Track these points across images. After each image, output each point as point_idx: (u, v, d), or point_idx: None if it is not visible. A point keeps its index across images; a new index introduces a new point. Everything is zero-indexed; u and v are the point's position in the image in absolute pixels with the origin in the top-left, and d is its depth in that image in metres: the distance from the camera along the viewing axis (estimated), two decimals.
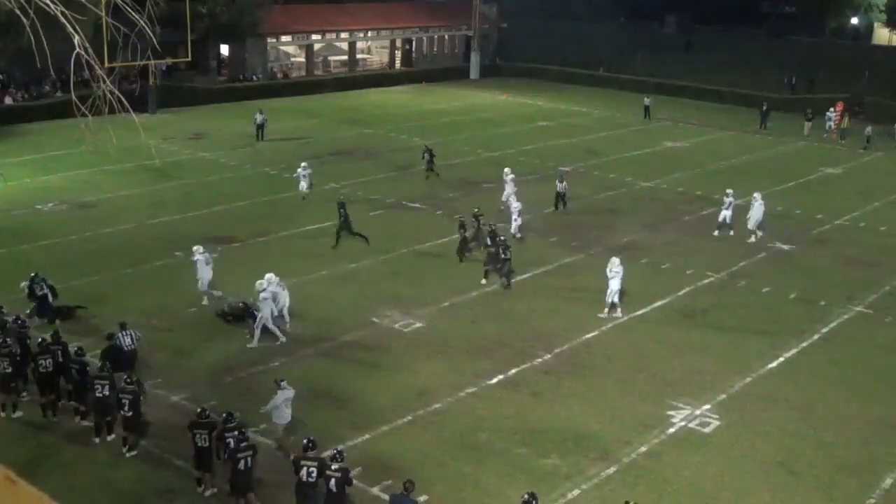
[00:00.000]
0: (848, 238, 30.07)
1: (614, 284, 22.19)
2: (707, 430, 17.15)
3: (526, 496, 12.52)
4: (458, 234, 25.77)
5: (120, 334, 17.69)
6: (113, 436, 15.89)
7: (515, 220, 27.66)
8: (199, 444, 14.32)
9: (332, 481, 13.04)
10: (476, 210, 27.25)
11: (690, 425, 17.27)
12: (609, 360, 19.94)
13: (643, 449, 16.34)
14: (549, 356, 20.03)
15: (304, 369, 18.99)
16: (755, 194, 29.25)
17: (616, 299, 22.42)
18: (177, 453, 15.36)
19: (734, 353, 20.59)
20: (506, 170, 31.63)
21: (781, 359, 20.41)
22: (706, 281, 25.28)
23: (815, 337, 21.75)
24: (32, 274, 20.75)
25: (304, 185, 31.53)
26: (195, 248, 21.97)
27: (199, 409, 14.90)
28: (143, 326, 20.71)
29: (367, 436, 16.35)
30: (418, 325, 21.48)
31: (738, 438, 16.85)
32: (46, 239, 26.07)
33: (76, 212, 29.55)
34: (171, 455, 15.45)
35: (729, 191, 29.79)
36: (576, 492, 14.93)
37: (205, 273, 21.79)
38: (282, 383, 15.60)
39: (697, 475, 15.59)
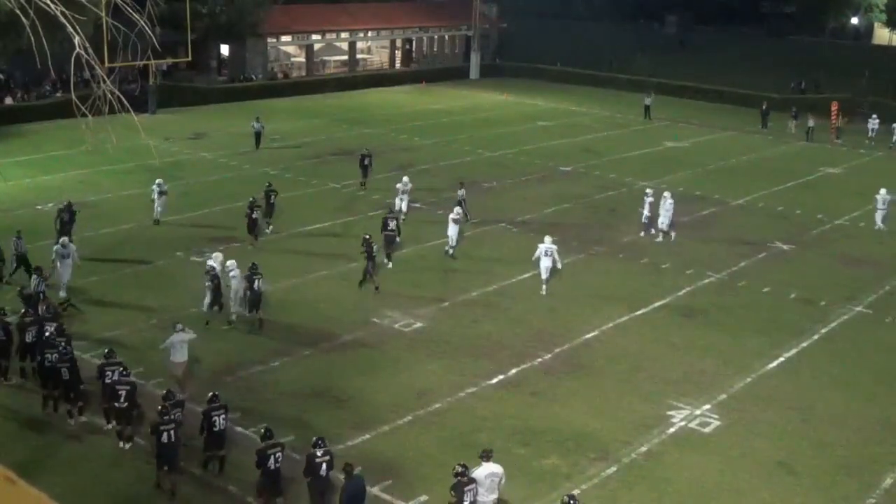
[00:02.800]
0: (848, 238, 30.08)
1: (547, 262, 23.50)
2: (707, 430, 17.15)
3: (458, 468, 12.74)
4: (247, 215, 26.14)
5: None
6: (112, 423, 16.08)
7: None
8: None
9: (324, 466, 13.38)
10: (269, 184, 28.49)
11: (690, 425, 17.27)
12: (609, 360, 19.95)
13: (643, 449, 16.34)
14: (549, 356, 20.03)
15: (304, 369, 19.00)
16: (665, 193, 28.89)
17: (545, 276, 23.56)
18: None
19: (734, 353, 20.59)
20: (404, 179, 29.73)
21: (781, 359, 20.41)
22: (706, 281, 25.29)
23: (815, 337, 21.75)
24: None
25: (158, 206, 27.97)
26: (230, 262, 21.13)
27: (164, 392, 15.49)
28: (143, 326, 20.76)
29: (367, 436, 16.35)
30: (418, 325, 21.48)
31: (738, 438, 16.85)
32: (46, 239, 25.97)
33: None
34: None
35: (648, 190, 29.77)
36: (576, 492, 14.86)
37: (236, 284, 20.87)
38: (177, 326, 17.51)
39: (697, 475, 15.59)
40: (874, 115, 47.97)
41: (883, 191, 31.18)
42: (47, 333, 17.21)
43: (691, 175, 38.19)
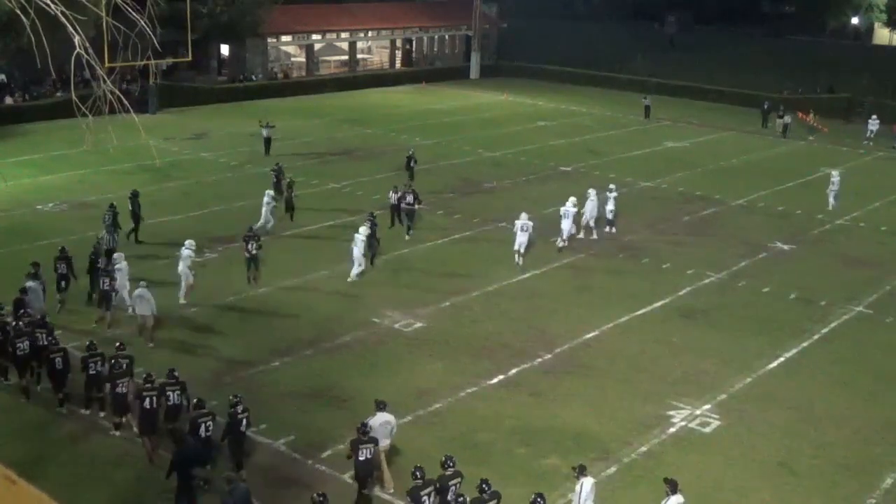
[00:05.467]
0: (848, 238, 30.08)
1: (522, 238, 25.14)
2: (707, 430, 17.15)
3: (360, 426, 14.02)
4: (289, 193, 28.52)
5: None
6: (104, 413, 16.45)
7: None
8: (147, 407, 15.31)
9: (244, 422, 14.62)
10: (276, 164, 30.96)
11: (690, 425, 17.28)
12: (609, 360, 19.95)
13: (643, 449, 16.34)
14: (549, 356, 20.03)
15: (304, 369, 19.00)
16: (590, 190, 28.89)
17: (522, 250, 25.27)
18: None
19: (734, 353, 20.59)
20: (572, 199, 27.75)
21: (781, 359, 20.41)
22: (706, 281, 25.29)
23: (815, 337, 21.75)
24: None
25: (269, 217, 27.40)
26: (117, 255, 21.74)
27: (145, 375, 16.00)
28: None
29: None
30: (418, 325, 21.48)
31: (738, 438, 16.86)
32: (46, 239, 26.04)
33: (76, 212, 29.53)
34: (171, 454, 15.45)
35: (612, 185, 29.93)
36: None
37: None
38: (141, 283, 19.69)
39: (697, 475, 15.58)
40: (874, 116, 47.91)
41: (835, 172, 33.56)
42: (14, 323, 17.60)
43: (691, 175, 38.20)
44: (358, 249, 23.77)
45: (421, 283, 24.14)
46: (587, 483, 13.11)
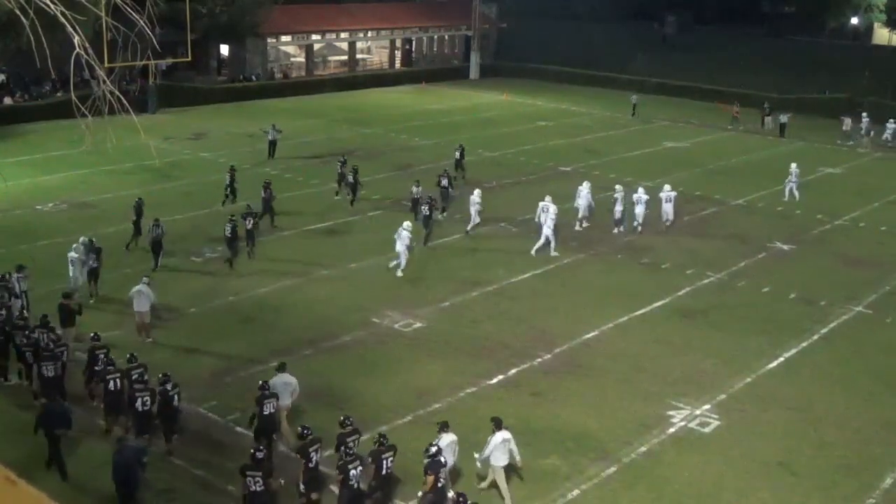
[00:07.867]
0: (848, 238, 30.08)
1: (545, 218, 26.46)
2: (707, 430, 17.15)
3: (261, 382, 15.45)
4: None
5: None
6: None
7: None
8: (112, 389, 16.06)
9: (175, 398, 15.50)
10: (343, 158, 32.35)
11: (690, 425, 17.28)
12: (609, 360, 19.94)
13: (643, 449, 16.34)
14: (549, 356, 20.03)
15: (303, 369, 18.96)
16: (580, 188, 30.02)
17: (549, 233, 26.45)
18: (175, 452, 15.37)
19: (734, 353, 20.59)
20: (666, 187, 30.26)
21: (781, 359, 20.41)
22: (706, 281, 25.29)
23: (815, 337, 21.76)
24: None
25: (477, 218, 28.73)
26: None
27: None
28: None
29: (366, 436, 16.31)
30: (418, 325, 21.48)
31: (738, 438, 16.86)
32: (46, 239, 26.07)
33: (76, 212, 29.54)
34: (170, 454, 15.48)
35: (617, 186, 30.27)
36: (576, 492, 14.93)
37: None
38: (143, 279, 20.15)
39: (697, 475, 15.59)
40: (864, 114, 47.90)
41: (793, 165, 34.64)
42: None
43: (691, 175, 38.19)
44: (402, 242, 24.26)
45: (421, 283, 24.14)
46: (445, 439, 14.07)
